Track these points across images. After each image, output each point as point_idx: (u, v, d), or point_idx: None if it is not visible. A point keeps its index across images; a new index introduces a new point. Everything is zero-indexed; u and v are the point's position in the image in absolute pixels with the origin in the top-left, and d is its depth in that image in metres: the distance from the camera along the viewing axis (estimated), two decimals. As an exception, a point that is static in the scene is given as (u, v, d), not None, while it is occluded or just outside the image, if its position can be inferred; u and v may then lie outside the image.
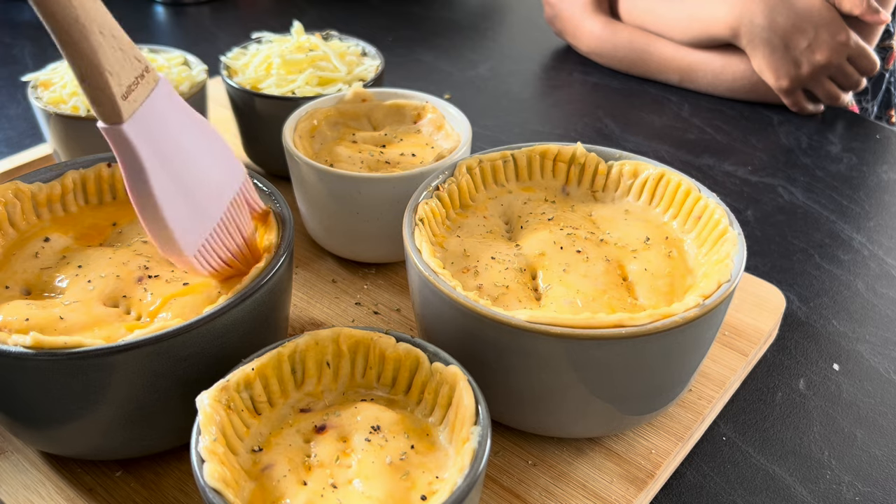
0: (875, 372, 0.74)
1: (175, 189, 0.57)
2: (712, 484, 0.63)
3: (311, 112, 0.84)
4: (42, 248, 0.64)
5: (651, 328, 0.53)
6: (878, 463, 0.65)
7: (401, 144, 0.82)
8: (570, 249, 0.64)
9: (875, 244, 0.92)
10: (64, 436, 0.57)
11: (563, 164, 0.73)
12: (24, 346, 0.51)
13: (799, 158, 1.10)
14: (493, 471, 0.61)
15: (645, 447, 0.63)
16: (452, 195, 0.70)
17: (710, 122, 1.18)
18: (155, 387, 0.55)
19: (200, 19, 1.59)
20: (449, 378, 0.53)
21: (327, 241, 0.83)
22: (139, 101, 0.55)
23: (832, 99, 1.17)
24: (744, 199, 1.00)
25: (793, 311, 0.81)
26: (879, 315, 0.81)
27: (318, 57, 0.95)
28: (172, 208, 0.57)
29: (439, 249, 0.65)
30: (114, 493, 0.59)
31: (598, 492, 0.60)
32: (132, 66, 0.54)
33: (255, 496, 0.48)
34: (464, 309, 0.56)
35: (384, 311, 0.78)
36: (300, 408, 0.54)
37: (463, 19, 1.32)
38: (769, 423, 0.68)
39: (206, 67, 0.96)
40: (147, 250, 0.64)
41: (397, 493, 0.48)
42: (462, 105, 0.89)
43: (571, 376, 0.56)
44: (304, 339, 0.55)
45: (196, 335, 0.54)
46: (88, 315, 0.58)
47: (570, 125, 1.18)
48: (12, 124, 1.15)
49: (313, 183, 0.77)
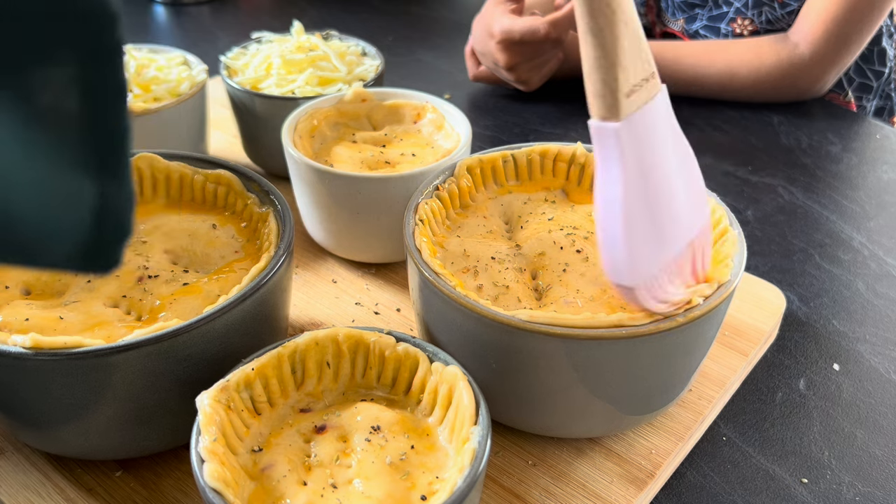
0: (875, 372, 0.74)
1: (643, 208, 0.52)
2: (712, 484, 0.63)
3: (311, 112, 0.84)
4: (42, 248, 0.64)
5: (651, 328, 0.53)
6: (878, 463, 0.65)
7: (401, 144, 0.82)
8: (570, 249, 0.64)
9: (875, 244, 0.92)
10: (64, 436, 0.57)
11: (563, 164, 0.73)
12: (23, 347, 0.51)
13: (799, 158, 1.10)
14: (493, 471, 0.61)
15: (645, 447, 0.63)
16: (452, 195, 0.70)
17: (710, 122, 1.18)
18: (155, 387, 0.55)
19: (200, 19, 1.59)
20: (449, 378, 0.53)
21: (327, 241, 0.83)
22: (638, 104, 0.51)
23: (524, 83, 1.21)
24: (744, 199, 1.00)
25: (793, 311, 0.81)
26: (879, 315, 0.81)
27: (318, 57, 0.95)
28: (634, 226, 0.52)
29: (439, 249, 0.65)
30: (114, 493, 0.59)
31: (598, 492, 0.60)
32: (642, 67, 0.51)
33: (255, 496, 0.48)
34: (464, 309, 0.56)
35: (384, 311, 0.78)
36: (300, 408, 0.54)
37: (463, 19, 1.32)
38: (769, 423, 0.68)
39: (206, 67, 0.96)
40: (147, 250, 0.64)
41: (397, 493, 0.48)
42: (462, 105, 0.89)
43: (571, 376, 0.56)
44: (304, 339, 0.55)
45: (196, 335, 0.54)
46: (88, 315, 0.58)
47: (570, 125, 1.18)
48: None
49: (313, 183, 0.77)
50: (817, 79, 1.18)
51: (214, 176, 0.70)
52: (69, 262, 0.34)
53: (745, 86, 1.20)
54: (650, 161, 0.53)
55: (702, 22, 1.31)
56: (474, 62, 1.27)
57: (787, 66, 1.17)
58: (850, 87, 1.29)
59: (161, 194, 0.71)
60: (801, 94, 1.21)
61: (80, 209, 0.32)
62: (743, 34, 1.27)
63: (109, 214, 0.33)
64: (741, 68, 1.19)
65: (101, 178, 0.32)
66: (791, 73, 1.17)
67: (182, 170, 0.71)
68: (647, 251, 0.53)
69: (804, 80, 1.18)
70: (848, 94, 1.30)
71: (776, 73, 1.18)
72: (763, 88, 1.20)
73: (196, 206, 0.71)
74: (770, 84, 1.19)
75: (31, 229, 0.31)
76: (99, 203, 0.33)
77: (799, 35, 1.16)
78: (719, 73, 1.20)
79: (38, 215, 0.31)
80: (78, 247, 0.33)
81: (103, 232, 0.33)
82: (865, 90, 1.29)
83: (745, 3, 1.24)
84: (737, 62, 1.19)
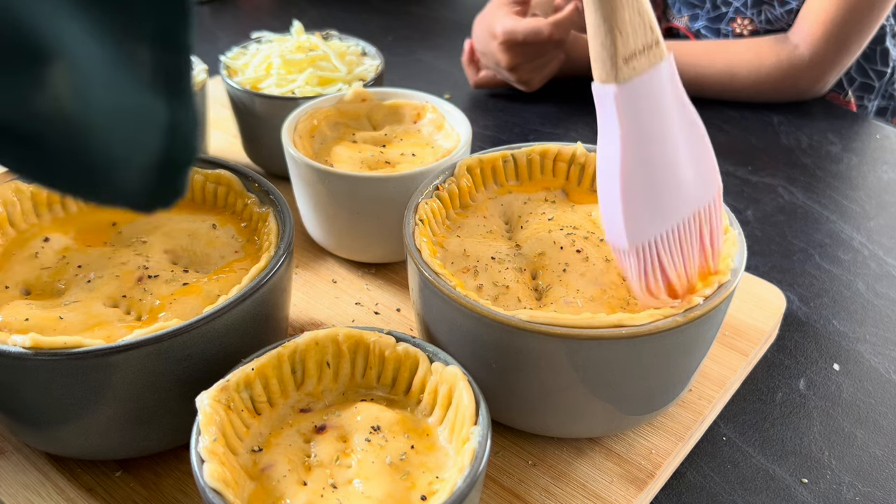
0: (875, 372, 0.74)
1: (642, 171, 0.54)
2: (712, 484, 0.63)
3: (311, 112, 0.84)
4: (42, 248, 0.64)
5: (651, 328, 0.53)
6: (878, 463, 0.65)
7: (401, 144, 0.82)
8: (569, 249, 0.64)
9: (875, 244, 0.92)
10: (64, 436, 0.57)
11: (563, 164, 0.73)
12: (23, 347, 0.51)
13: (799, 158, 1.10)
14: (493, 471, 0.61)
15: (645, 447, 0.63)
16: (452, 195, 0.70)
17: (710, 122, 1.18)
18: (155, 387, 0.55)
19: (200, 19, 1.59)
20: (449, 378, 0.53)
21: (327, 241, 0.83)
22: (639, 70, 0.52)
23: (525, 83, 1.22)
24: (744, 199, 1.00)
25: (793, 311, 0.81)
26: (879, 315, 0.81)
27: (318, 57, 0.95)
28: (631, 187, 0.54)
29: (439, 249, 0.65)
30: (114, 493, 0.59)
31: (598, 492, 0.60)
32: (644, 34, 0.52)
33: (255, 496, 0.48)
34: (464, 309, 0.56)
35: (384, 311, 0.78)
36: (300, 408, 0.54)
37: (463, 19, 1.32)
38: (769, 423, 0.68)
39: (206, 67, 0.96)
40: (147, 250, 0.64)
41: (397, 493, 0.48)
42: (462, 105, 0.89)
43: (571, 376, 0.56)
44: (304, 339, 0.55)
45: (196, 335, 0.54)
46: (88, 315, 0.58)
47: (570, 125, 1.18)
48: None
49: (313, 183, 0.77)
50: (817, 79, 1.19)
51: (214, 176, 0.70)
52: (137, 190, 0.34)
53: (745, 86, 1.20)
54: (652, 127, 0.54)
55: (702, 21, 1.31)
56: (473, 69, 1.27)
57: (787, 67, 1.17)
58: (850, 87, 1.29)
59: (161, 194, 0.71)
60: (801, 95, 1.21)
61: (150, 129, 0.33)
62: (743, 34, 1.27)
63: (178, 134, 0.33)
64: (741, 69, 1.19)
65: (169, 99, 0.33)
66: (791, 73, 1.18)
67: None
68: (644, 215, 0.55)
69: (804, 80, 1.18)
70: (848, 93, 1.29)
71: (776, 74, 1.18)
72: (763, 89, 1.20)
73: (196, 206, 0.71)
74: (770, 84, 1.19)
75: (104, 151, 0.32)
76: (168, 122, 0.33)
77: (799, 36, 1.16)
78: (719, 74, 1.20)
79: (112, 135, 0.31)
80: (148, 171, 0.33)
81: (172, 152, 0.34)
82: (867, 90, 1.29)
83: (745, 3, 1.24)
84: (737, 62, 1.19)
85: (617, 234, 0.55)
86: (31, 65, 0.28)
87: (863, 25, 1.14)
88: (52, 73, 0.28)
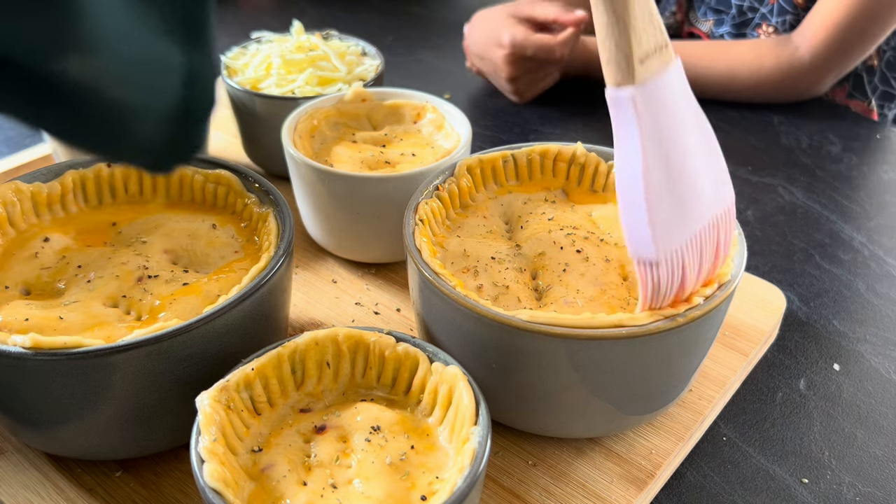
0: (875, 372, 0.74)
1: (664, 176, 0.51)
2: (712, 484, 0.63)
3: (311, 112, 0.84)
4: (42, 248, 0.64)
5: (651, 328, 0.53)
6: (878, 463, 0.65)
7: (401, 144, 0.82)
8: (570, 249, 0.64)
9: (875, 244, 0.92)
10: (64, 436, 0.57)
11: (563, 164, 0.73)
12: (23, 347, 0.51)
13: (799, 158, 1.09)
14: (493, 471, 0.61)
15: (645, 447, 0.63)
16: (452, 195, 0.70)
17: (711, 122, 1.18)
18: (155, 387, 0.55)
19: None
20: (449, 378, 0.53)
21: (327, 241, 0.83)
22: (652, 72, 0.51)
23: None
24: (744, 199, 1.00)
25: (793, 311, 0.81)
26: (880, 315, 0.81)
27: (318, 57, 0.95)
28: (655, 195, 0.51)
29: (439, 249, 0.65)
30: (114, 493, 0.59)
31: (598, 492, 0.60)
32: (654, 35, 0.51)
33: (255, 496, 0.48)
34: (464, 309, 0.56)
35: (384, 311, 0.78)
36: (300, 408, 0.54)
37: (463, 19, 1.32)
38: (769, 423, 0.68)
39: (206, 67, 0.96)
40: (147, 250, 0.64)
41: (397, 493, 0.48)
42: (462, 105, 0.89)
43: (571, 376, 0.56)
44: (304, 339, 0.55)
45: (196, 335, 0.54)
46: (88, 315, 0.58)
47: (570, 125, 1.18)
48: (12, 124, 1.15)
49: (313, 183, 0.77)
50: (816, 81, 1.19)
51: (214, 176, 0.70)
52: (157, 141, 0.33)
53: (745, 87, 1.20)
54: (669, 131, 0.52)
55: (727, 27, 1.31)
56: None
57: (787, 69, 1.17)
58: (874, 96, 1.29)
59: (161, 194, 0.71)
60: (800, 96, 1.21)
61: (171, 77, 0.32)
62: None
63: (197, 82, 0.33)
64: (742, 70, 1.19)
65: (188, 47, 0.33)
66: (791, 74, 1.18)
67: (182, 170, 0.71)
68: (670, 223, 0.53)
69: (803, 82, 1.19)
70: (871, 102, 1.29)
71: (776, 75, 1.18)
72: (763, 90, 1.20)
73: (196, 206, 0.71)
74: (770, 85, 1.19)
75: (124, 99, 0.31)
76: (187, 70, 0.33)
77: (801, 38, 1.17)
78: (720, 75, 1.20)
79: (132, 83, 0.31)
80: (167, 121, 0.33)
81: (192, 101, 0.33)
82: (889, 98, 1.29)
83: (772, 10, 1.24)
84: (737, 63, 1.19)
85: (643, 245, 0.52)
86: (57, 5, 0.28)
87: (866, 34, 1.14)
88: (75, 20, 0.28)
